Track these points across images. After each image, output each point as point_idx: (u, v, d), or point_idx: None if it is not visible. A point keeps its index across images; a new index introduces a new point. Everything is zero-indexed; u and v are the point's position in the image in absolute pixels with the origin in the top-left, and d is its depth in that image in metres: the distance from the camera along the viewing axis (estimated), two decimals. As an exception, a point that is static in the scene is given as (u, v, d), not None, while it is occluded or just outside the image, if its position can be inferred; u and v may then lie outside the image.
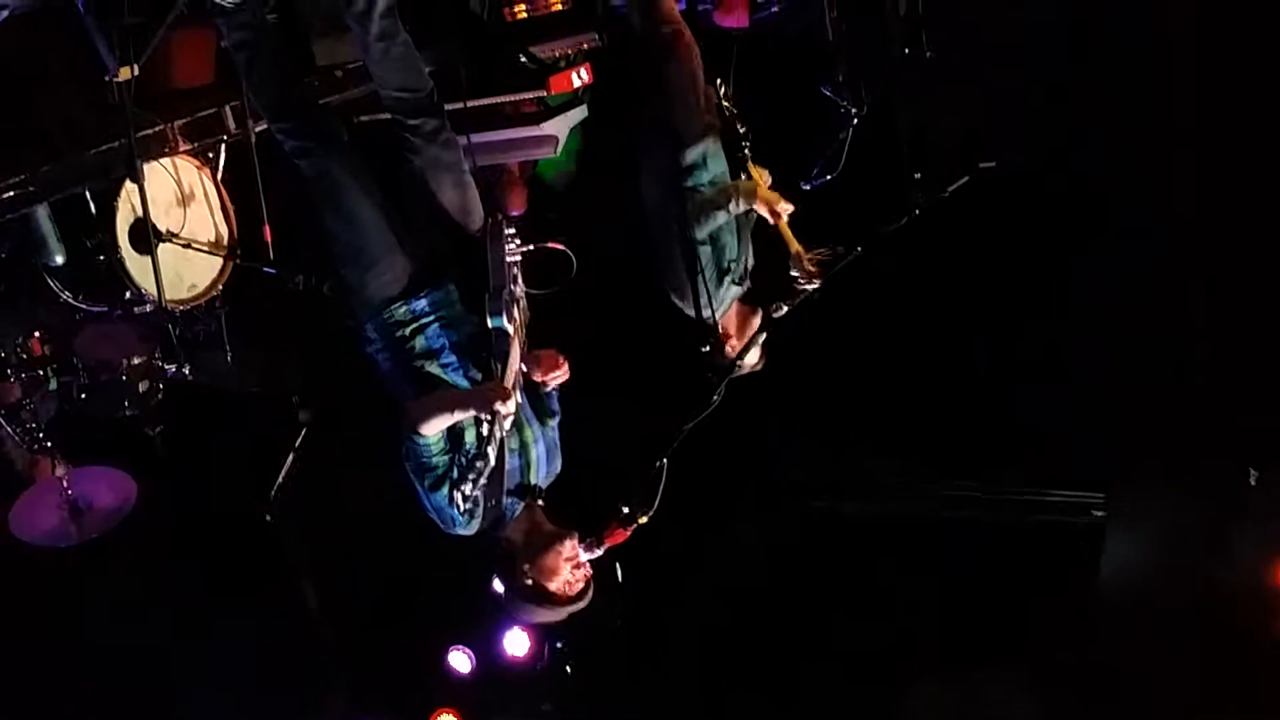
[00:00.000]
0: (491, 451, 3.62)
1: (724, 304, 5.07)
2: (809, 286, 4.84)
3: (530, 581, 3.93)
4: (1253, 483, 6.03)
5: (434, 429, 3.77)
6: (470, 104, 4.68)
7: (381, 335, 3.96)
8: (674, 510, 4.04)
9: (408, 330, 3.93)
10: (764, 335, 4.93)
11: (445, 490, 3.82)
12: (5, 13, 3.75)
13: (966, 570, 7.13)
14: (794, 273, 4.87)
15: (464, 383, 3.92)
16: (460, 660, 7.02)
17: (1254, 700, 5.81)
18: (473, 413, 3.73)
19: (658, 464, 4.00)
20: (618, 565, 4.53)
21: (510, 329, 3.78)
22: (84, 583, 5.60)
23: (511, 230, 4.01)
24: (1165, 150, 5.93)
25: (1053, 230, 6.33)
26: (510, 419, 3.72)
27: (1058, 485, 7.21)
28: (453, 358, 3.93)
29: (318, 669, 6.63)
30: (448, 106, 4.16)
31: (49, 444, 5.13)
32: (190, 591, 6.01)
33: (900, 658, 6.88)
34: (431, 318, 3.94)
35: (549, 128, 5.10)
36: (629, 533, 3.94)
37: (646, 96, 5.00)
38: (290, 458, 6.06)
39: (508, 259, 3.93)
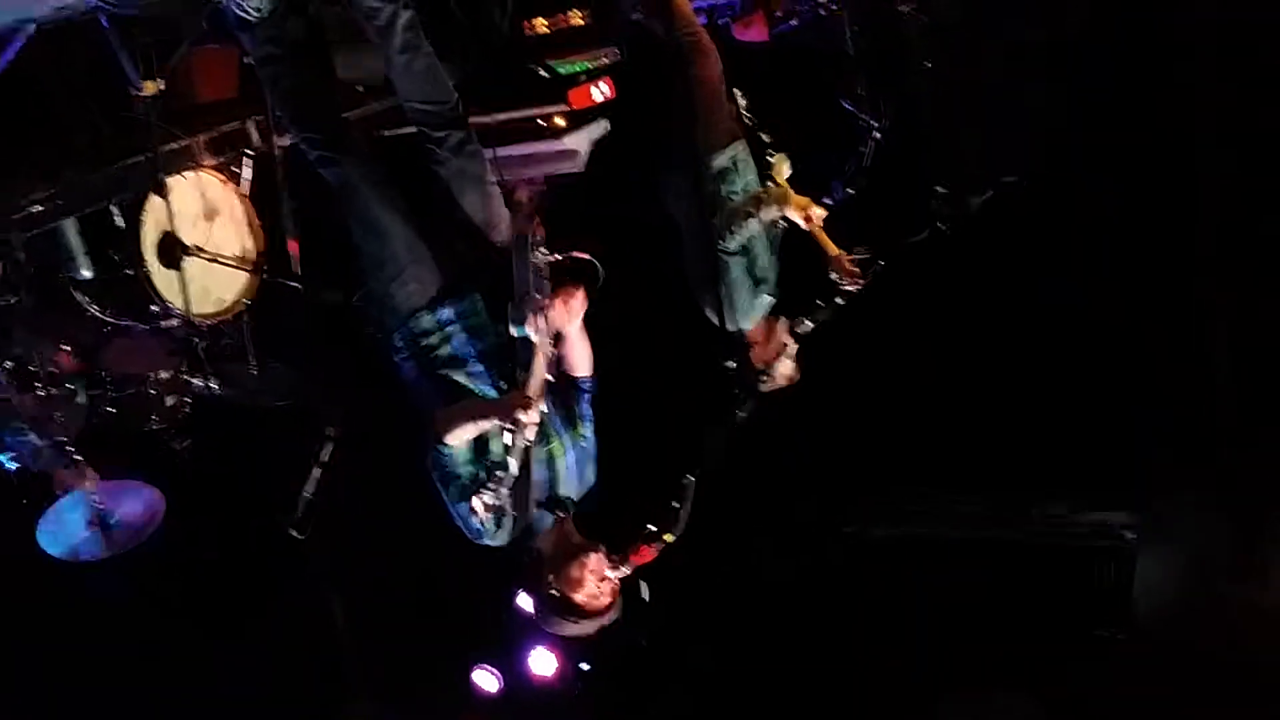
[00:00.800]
0: (514, 462, 3.63)
1: (756, 315, 5.05)
2: (851, 288, 4.77)
3: (555, 592, 3.92)
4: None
5: (459, 438, 3.78)
6: (498, 118, 4.71)
7: (408, 345, 3.98)
8: (701, 530, 4.03)
9: (434, 339, 3.95)
10: (795, 348, 4.91)
11: (470, 502, 3.80)
12: (32, 27, 3.81)
13: (997, 593, 7.06)
14: (833, 276, 4.78)
15: (491, 391, 3.93)
16: (486, 679, 7.01)
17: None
18: (496, 422, 3.72)
19: (684, 482, 3.98)
20: (644, 584, 4.52)
21: (535, 337, 3.78)
22: (111, 596, 5.63)
23: (539, 237, 4.01)
24: (1192, 166, 5.90)
25: (1078, 247, 6.29)
26: (534, 429, 3.71)
27: (1090, 508, 7.14)
28: (479, 366, 3.95)
29: (342, 685, 6.64)
30: (472, 120, 4.18)
31: (78, 457, 5.17)
32: (216, 605, 6.03)
33: (931, 681, 6.82)
34: (457, 326, 3.96)
35: (570, 142, 5.12)
36: (656, 551, 3.92)
37: (670, 105, 5.00)
38: (317, 472, 6.08)
39: (535, 264, 3.92)
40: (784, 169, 5.01)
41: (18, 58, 3.81)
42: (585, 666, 6.99)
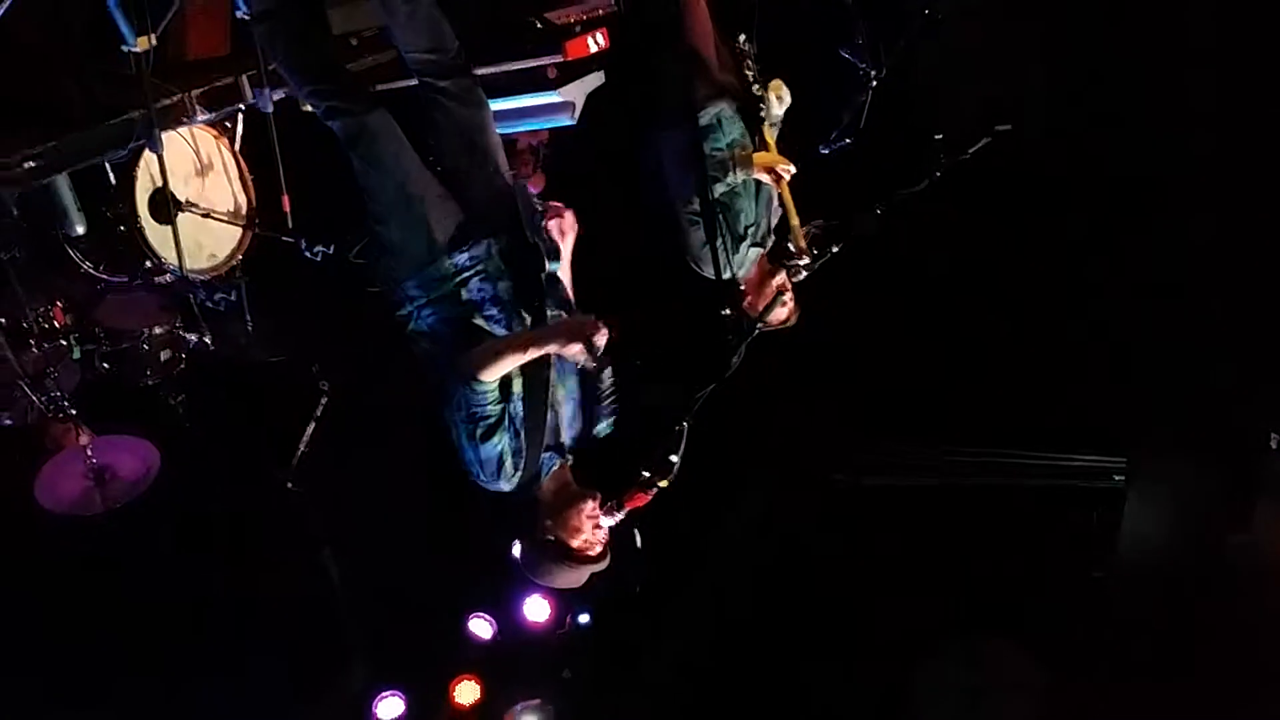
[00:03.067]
0: (564, 395, 3.81)
1: (744, 266, 5.08)
2: (800, 262, 4.88)
3: (552, 538, 3.95)
4: (1274, 446, 6.00)
5: (496, 374, 3.78)
6: (487, 70, 4.66)
7: (425, 290, 3.95)
8: (693, 478, 4.04)
9: (451, 285, 3.93)
10: (790, 293, 4.95)
11: (496, 440, 3.83)
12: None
13: (986, 536, 7.14)
14: (789, 245, 4.91)
15: (507, 333, 3.94)
16: (481, 627, 7.08)
17: (1272, 669, 5.81)
18: (558, 348, 3.79)
19: (678, 428, 3.99)
20: (637, 531, 4.54)
21: (563, 274, 3.92)
22: (107, 550, 5.64)
23: (536, 189, 4.05)
24: (1184, 119, 5.89)
25: (1070, 197, 6.29)
26: (602, 348, 3.80)
27: (1079, 450, 7.21)
28: (494, 310, 3.94)
29: (339, 636, 6.68)
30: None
31: (73, 412, 5.16)
32: (211, 559, 6.04)
33: (919, 627, 6.90)
34: (472, 272, 3.95)
35: (566, 93, 5.08)
36: (649, 497, 3.94)
37: (659, 60, 4.99)
38: (311, 426, 6.09)
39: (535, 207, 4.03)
40: (776, 103, 5.02)
41: (8, 14, 3.74)
42: (584, 618, 7.06)
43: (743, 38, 5.07)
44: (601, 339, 3.76)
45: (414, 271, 3.96)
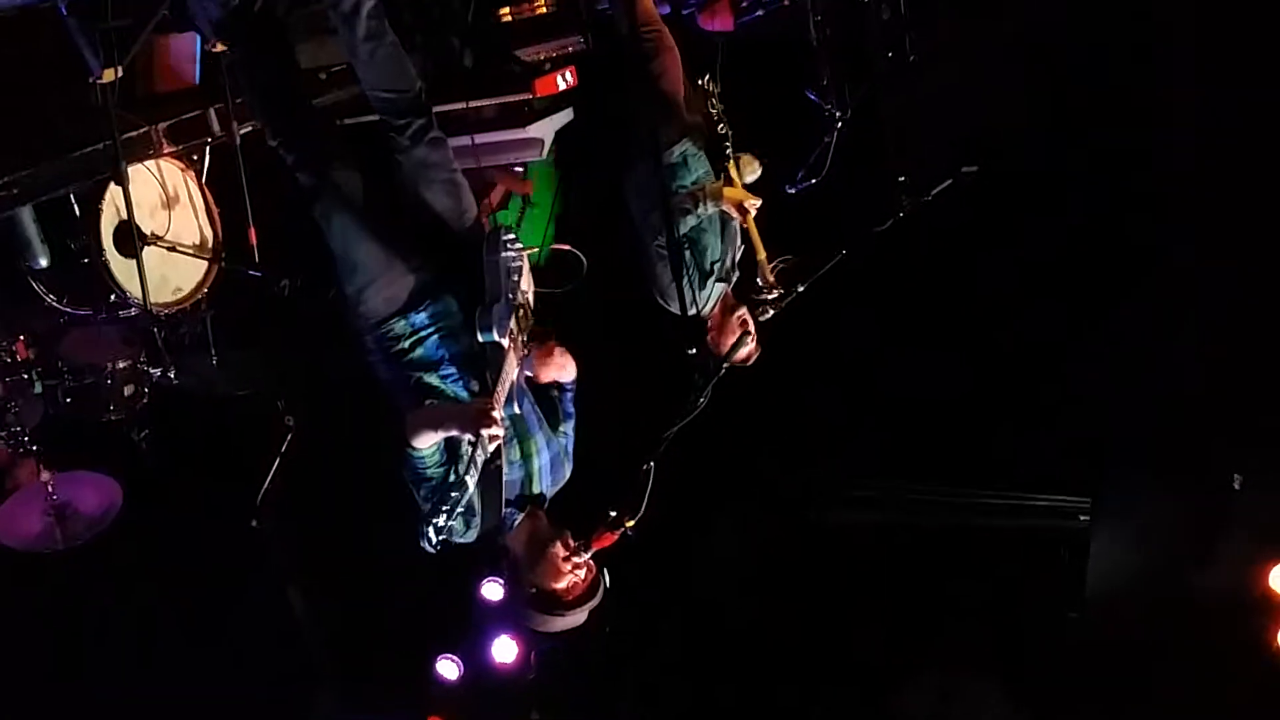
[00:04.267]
0: (471, 480, 3.62)
1: (709, 302, 5.11)
2: (768, 297, 4.91)
3: (535, 590, 3.93)
4: (1237, 487, 6.05)
5: (426, 442, 3.76)
6: (467, 105, 4.69)
7: (380, 348, 3.94)
8: (661, 517, 4.04)
9: (406, 343, 3.91)
10: (752, 330, 4.97)
11: (444, 502, 3.74)
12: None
13: (952, 575, 7.14)
14: (758, 280, 4.97)
15: (464, 394, 3.90)
16: (448, 668, 7.02)
17: (1239, 705, 5.83)
18: (457, 432, 3.73)
19: (644, 468, 3.99)
20: (605, 571, 4.53)
21: (506, 341, 3.77)
22: (69, 587, 5.57)
23: (511, 236, 4.00)
24: (1153, 155, 5.97)
25: (1036, 235, 6.35)
26: (496, 442, 3.70)
27: (1044, 490, 7.23)
28: (453, 369, 3.92)
29: (305, 676, 6.61)
30: (437, 109, 4.16)
31: (34, 448, 5.10)
32: (176, 596, 5.98)
33: (886, 664, 6.89)
34: (431, 330, 3.93)
35: (535, 130, 5.11)
36: (616, 537, 3.93)
37: (628, 100, 5.03)
38: (276, 462, 6.04)
39: (508, 265, 3.92)
40: (754, 171, 5.07)
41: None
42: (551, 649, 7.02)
43: (707, 77, 5.12)
44: (492, 432, 3.65)
45: (370, 329, 3.95)
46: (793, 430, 7.35)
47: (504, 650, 7.03)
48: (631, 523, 3.93)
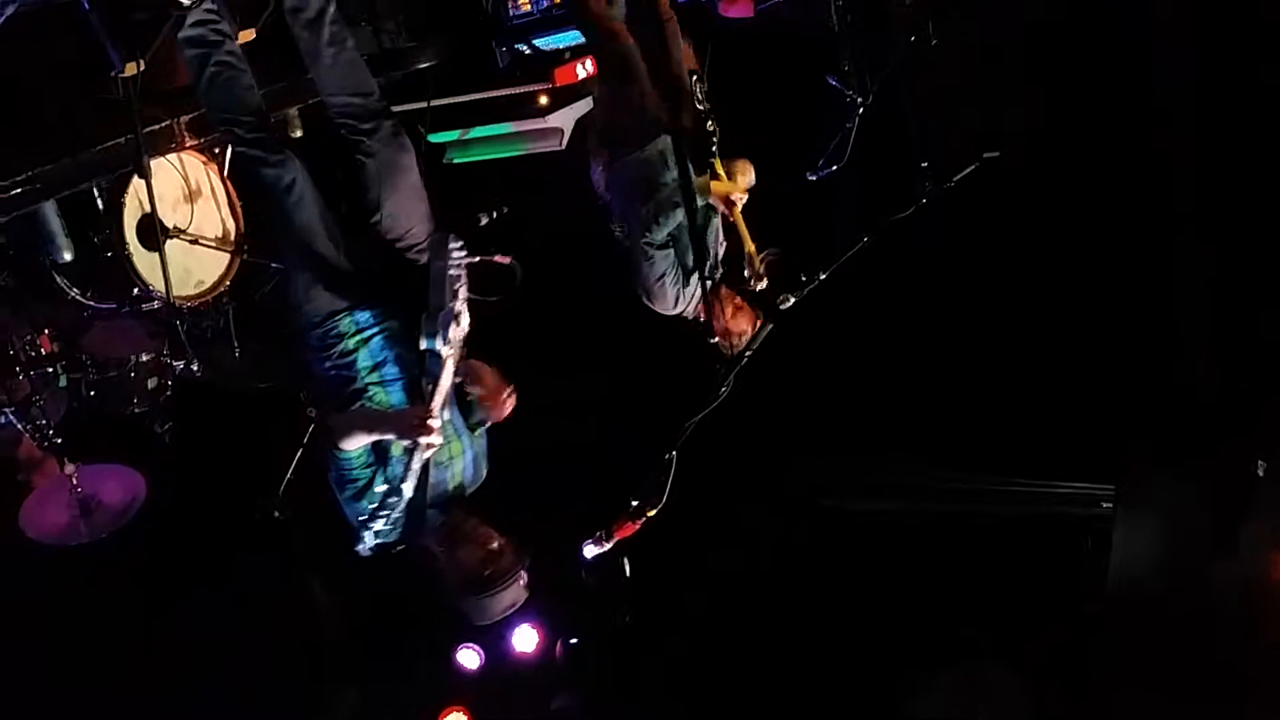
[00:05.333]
0: (408, 488, 3.68)
1: (688, 302, 5.08)
2: (757, 288, 4.89)
3: (461, 577, 4.03)
4: (1260, 474, 6.01)
5: (355, 445, 3.80)
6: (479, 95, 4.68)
7: (321, 345, 3.95)
8: (681, 506, 4.04)
9: (350, 342, 3.93)
10: (746, 311, 4.96)
11: (364, 503, 3.85)
12: (11, 9, 3.75)
13: (974, 563, 7.12)
14: (745, 272, 4.93)
15: (400, 397, 3.93)
16: (469, 658, 7.02)
17: (1259, 695, 5.80)
18: (393, 436, 3.77)
19: (666, 457, 3.99)
20: (626, 560, 4.52)
21: (445, 350, 3.77)
22: (93, 580, 5.59)
23: (458, 244, 3.93)
24: (1168, 141, 5.93)
25: (1057, 221, 6.32)
26: (433, 450, 3.75)
27: (1066, 477, 7.20)
28: (394, 370, 3.94)
29: (327, 667, 6.63)
30: (442, 101, 4.17)
31: (59, 441, 5.13)
32: (199, 588, 6.00)
33: (907, 653, 6.87)
34: (375, 330, 3.94)
35: (555, 120, 5.10)
36: (638, 526, 3.94)
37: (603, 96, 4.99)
38: (299, 453, 6.06)
39: (451, 274, 3.88)
40: (745, 176, 5.04)
41: (-2, 39, 3.75)
42: (572, 641, 7.02)
43: (694, 76, 5.08)
44: (429, 440, 3.69)
45: (314, 325, 3.95)
46: (812, 417, 7.32)
47: (525, 639, 7.03)
48: (653, 512, 3.95)
